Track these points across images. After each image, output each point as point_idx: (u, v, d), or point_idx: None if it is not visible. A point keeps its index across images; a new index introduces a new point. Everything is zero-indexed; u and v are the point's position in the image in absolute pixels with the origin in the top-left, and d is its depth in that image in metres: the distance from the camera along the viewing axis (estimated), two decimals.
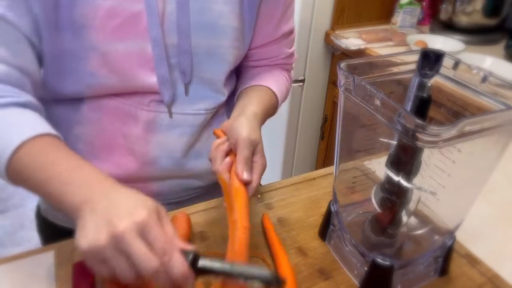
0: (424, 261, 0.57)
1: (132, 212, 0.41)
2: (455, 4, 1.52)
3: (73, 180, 0.47)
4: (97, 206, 0.43)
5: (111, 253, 0.40)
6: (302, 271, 0.59)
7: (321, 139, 1.93)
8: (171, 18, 0.60)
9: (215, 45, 0.65)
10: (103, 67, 0.60)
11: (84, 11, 0.56)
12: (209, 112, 0.70)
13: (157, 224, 0.42)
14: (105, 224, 0.41)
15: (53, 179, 0.48)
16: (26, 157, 0.49)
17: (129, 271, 0.40)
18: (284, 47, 0.78)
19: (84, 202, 0.44)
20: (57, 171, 0.48)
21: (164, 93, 0.64)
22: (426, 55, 0.53)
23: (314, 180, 0.78)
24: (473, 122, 0.42)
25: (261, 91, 0.72)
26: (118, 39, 0.58)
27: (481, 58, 1.31)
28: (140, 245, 0.40)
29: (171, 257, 0.40)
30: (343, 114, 0.54)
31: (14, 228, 2.04)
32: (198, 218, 0.66)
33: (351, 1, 1.64)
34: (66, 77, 0.62)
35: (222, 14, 0.63)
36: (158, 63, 0.61)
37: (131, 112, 0.65)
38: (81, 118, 0.66)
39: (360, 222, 0.62)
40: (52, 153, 0.50)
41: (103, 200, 0.44)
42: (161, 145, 0.68)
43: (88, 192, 0.45)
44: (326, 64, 1.75)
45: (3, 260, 0.57)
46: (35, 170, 0.49)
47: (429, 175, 0.49)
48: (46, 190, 0.49)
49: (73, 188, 0.46)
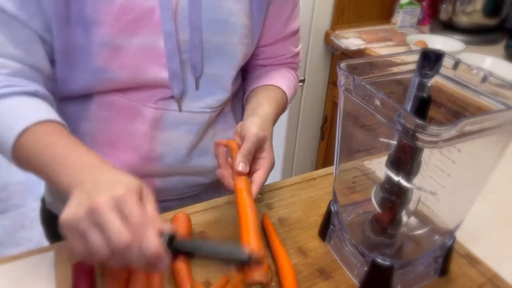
0: (424, 261, 0.57)
1: (113, 188, 0.42)
2: (455, 4, 1.52)
3: (67, 163, 0.49)
4: (85, 186, 0.44)
5: (86, 224, 0.40)
6: (302, 271, 0.59)
7: (321, 139, 1.93)
8: (183, 14, 0.61)
9: (225, 41, 0.66)
10: (114, 62, 0.60)
11: (96, 7, 0.57)
12: (214, 110, 0.71)
13: (134, 200, 0.42)
14: (85, 199, 0.42)
15: (51, 162, 0.50)
16: (29, 142, 0.52)
17: (103, 247, 0.40)
18: (291, 45, 0.79)
19: (76, 184, 0.46)
20: (55, 154, 0.51)
21: (174, 87, 0.65)
22: (426, 55, 0.53)
23: (314, 180, 0.78)
24: (473, 122, 0.42)
25: (271, 90, 0.74)
26: (130, 34, 0.59)
27: (481, 58, 1.31)
28: (113, 217, 0.40)
29: (144, 234, 0.40)
30: (343, 114, 0.54)
31: (14, 228, 2.04)
32: (198, 218, 0.66)
33: (351, 1, 1.64)
34: (76, 72, 0.62)
35: (232, 12, 0.64)
36: (170, 58, 0.62)
37: (139, 109, 0.66)
38: (89, 115, 0.67)
39: (360, 222, 0.62)
40: (53, 137, 0.53)
41: (91, 181, 0.45)
42: (167, 142, 0.69)
43: (79, 175, 0.47)
44: (326, 64, 1.75)
45: (3, 260, 0.57)
46: (36, 154, 0.52)
47: (429, 175, 0.49)
48: (45, 172, 0.51)
49: (67, 170, 0.49)
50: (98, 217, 0.40)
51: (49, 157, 0.51)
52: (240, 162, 0.56)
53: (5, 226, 2.05)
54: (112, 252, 0.40)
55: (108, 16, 0.57)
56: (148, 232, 0.40)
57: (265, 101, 0.69)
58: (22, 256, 0.58)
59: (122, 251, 0.40)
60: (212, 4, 0.63)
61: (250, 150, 0.57)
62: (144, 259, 0.40)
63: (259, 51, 0.77)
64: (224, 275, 0.56)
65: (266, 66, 0.80)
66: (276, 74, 0.77)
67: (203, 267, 0.44)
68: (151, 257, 0.40)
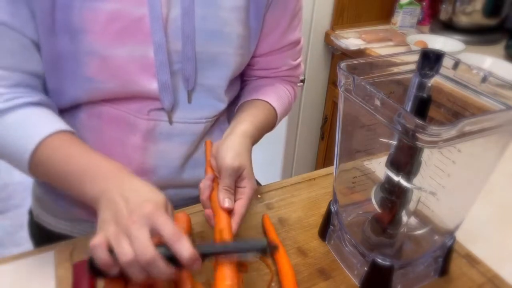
0: (424, 261, 0.57)
1: (141, 205, 0.44)
2: (455, 4, 1.52)
3: (90, 171, 0.51)
4: (112, 199, 0.46)
5: (116, 241, 0.42)
6: (302, 271, 0.59)
7: (321, 139, 1.93)
8: (175, 24, 0.59)
9: (219, 52, 0.64)
10: (102, 72, 0.59)
11: (83, 15, 0.55)
12: (209, 120, 0.69)
13: (165, 217, 0.44)
14: (115, 220, 0.44)
15: (72, 172, 0.52)
16: (46, 154, 0.53)
17: (132, 259, 0.41)
18: (289, 58, 0.76)
19: (101, 193, 0.48)
20: (76, 163, 0.52)
21: (164, 100, 0.62)
22: (426, 55, 0.53)
23: (314, 180, 0.78)
24: (473, 122, 0.42)
25: (259, 106, 0.71)
26: (118, 44, 0.57)
27: (481, 58, 1.31)
28: (144, 233, 0.42)
29: (179, 240, 0.43)
30: (343, 114, 0.54)
31: (14, 228, 2.04)
32: (198, 218, 0.66)
33: (351, 1, 1.64)
34: (66, 82, 0.61)
35: (228, 21, 0.62)
36: (160, 69, 0.60)
37: (130, 121, 0.64)
38: (79, 126, 0.65)
39: (360, 222, 0.62)
40: (71, 147, 0.54)
41: (117, 192, 0.47)
42: (160, 154, 0.67)
43: (103, 183, 0.49)
44: (326, 64, 1.75)
45: (3, 260, 0.58)
46: (55, 165, 0.53)
47: (429, 175, 0.49)
48: (67, 183, 0.53)
49: (90, 179, 0.50)
50: (128, 232, 0.43)
51: (70, 166, 0.52)
52: (224, 199, 0.53)
53: (5, 226, 2.05)
54: (143, 266, 0.42)
55: (95, 25, 0.55)
56: (183, 241, 0.43)
57: (248, 118, 0.66)
58: (22, 256, 0.58)
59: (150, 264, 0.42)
60: (207, 14, 0.60)
61: (230, 185, 0.55)
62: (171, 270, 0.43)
63: (254, 61, 0.74)
64: None
65: (262, 78, 0.77)
66: (270, 89, 0.74)
67: (203, 267, 0.44)
68: (189, 263, 0.42)
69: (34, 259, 0.58)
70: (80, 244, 0.61)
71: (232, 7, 0.61)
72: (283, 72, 0.77)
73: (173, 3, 0.58)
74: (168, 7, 0.58)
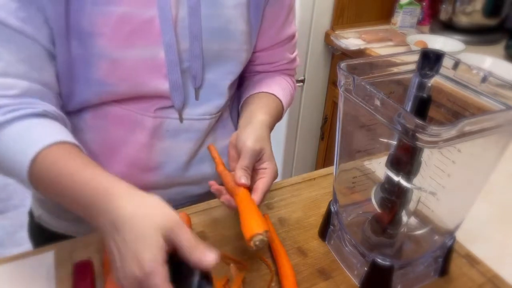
0: (424, 261, 0.57)
1: (135, 260, 0.40)
2: (455, 4, 1.52)
3: (82, 201, 0.47)
4: (108, 245, 0.44)
5: None
6: (302, 271, 0.59)
7: (321, 139, 1.93)
8: (183, 23, 0.60)
9: (225, 49, 0.65)
10: (113, 74, 0.59)
11: (94, 18, 0.55)
12: (213, 116, 0.70)
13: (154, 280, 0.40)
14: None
15: (68, 190, 0.48)
16: (42, 167, 0.50)
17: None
18: (287, 51, 0.78)
19: (97, 227, 0.46)
20: (71, 181, 0.48)
21: (175, 99, 0.63)
22: (426, 55, 0.53)
23: (314, 180, 0.78)
24: (473, 122, 0.42)
25: (267, 98, 0.72)
26: (129, 46, 0.57)
27: (481, 58, 1.31)
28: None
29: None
30: (343, 114, 0.54)
31: (14, 228, 2.04)
32: (198, 218, 0.67)
33: (351, 1, 1.64)
34: (76, 85, 0.61)
35: (231, 19, 0.63)
36: (171, 69, 0.61)
37: (137, 119, 0.64)
38: (83, 125, 0.65)
39: (360, 222, 0.62)
40: (67, 162, 0.50)
41: (111, 239, 0.43)
42: (166, 151, 0.67)
43: (96, 219, 0.46)
44: (326, 64, 1.75)
45: (3, 260, 0.57)
46: (51, 180, 0.50)
47: (429, 175, 0.49)
48: (63, 200, 0.50)
49: (83, 210, 0.47)
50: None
51: (65, 184, 0.49)
52: (242, 176, 0.54)
53: (5, 226, 2.05)
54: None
55: (105, 28, 0.55)
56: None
57: (259, 109, 0.68)
58: (22, 256, 0.58)
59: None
60: (211, 13, 0.61)
61: (248, 166, 0.56)
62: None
63: (255, 56, 0.76)
64: (225, 275, 0.56)
65: (262, 73, 0.79)
66: (272, 82, 0.76)
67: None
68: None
69: (34, 259, 0.58)
70: (80, 244, 0.61)
71: (235, 4, 0.63)
72: (282, 65, 0.79)
73: (181, 3, 0.59)
74: (176, 8, 0.59)
